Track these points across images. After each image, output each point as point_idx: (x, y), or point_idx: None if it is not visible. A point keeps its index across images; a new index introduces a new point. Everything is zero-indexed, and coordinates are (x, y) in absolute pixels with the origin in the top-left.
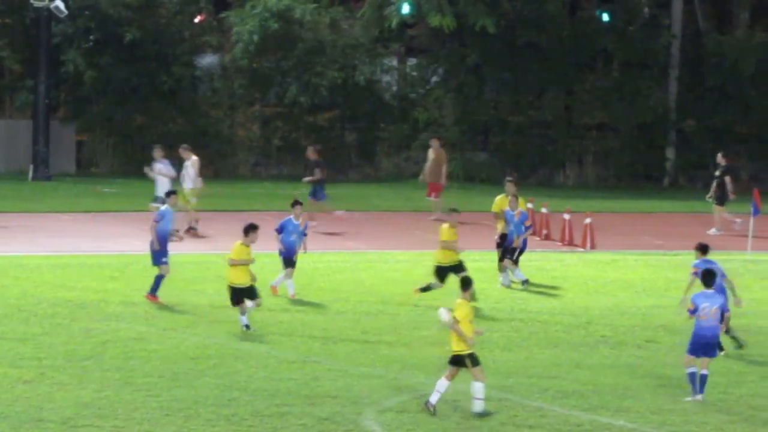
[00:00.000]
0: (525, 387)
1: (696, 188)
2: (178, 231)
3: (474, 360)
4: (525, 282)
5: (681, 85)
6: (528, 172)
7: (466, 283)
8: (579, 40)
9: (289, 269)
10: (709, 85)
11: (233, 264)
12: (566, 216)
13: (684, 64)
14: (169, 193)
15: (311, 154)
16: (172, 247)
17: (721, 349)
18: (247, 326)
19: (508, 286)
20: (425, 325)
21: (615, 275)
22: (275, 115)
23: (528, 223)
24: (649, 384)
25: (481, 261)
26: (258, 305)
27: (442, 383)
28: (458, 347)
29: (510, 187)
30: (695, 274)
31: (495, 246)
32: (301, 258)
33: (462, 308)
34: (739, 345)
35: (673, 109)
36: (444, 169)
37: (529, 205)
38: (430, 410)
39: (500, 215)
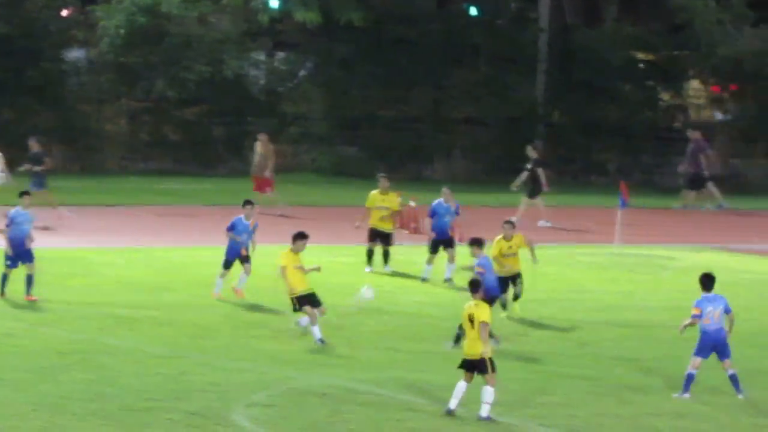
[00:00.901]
0: (393, 381)
1: (564, 181)
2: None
3: (492, 364)
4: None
5: (549, 79)
6: (397, 167)
7: (476, 285)
8: (447, 35)
9: (247, 265)
10: (577, 78)
11: (289, 272)
12: None
13: (552, 58)
14: (21, 194)
15: (34, 145)
16: (40, 242)
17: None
18: (321, 341)
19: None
20: (294, 320)
21: None
22: (142, 109)
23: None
24: (517, 377)
25: (348, 255)
26: (323, 313)
27: (461, 386)
28: (475, 350)
29: (383, 182)
30: (481, 273)
31: (367, 239)
32: (166, 252)
33: (486, 310)
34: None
35: (541, 102)
36: (271, 164)
37: (412, 203)
38: (452, 414)
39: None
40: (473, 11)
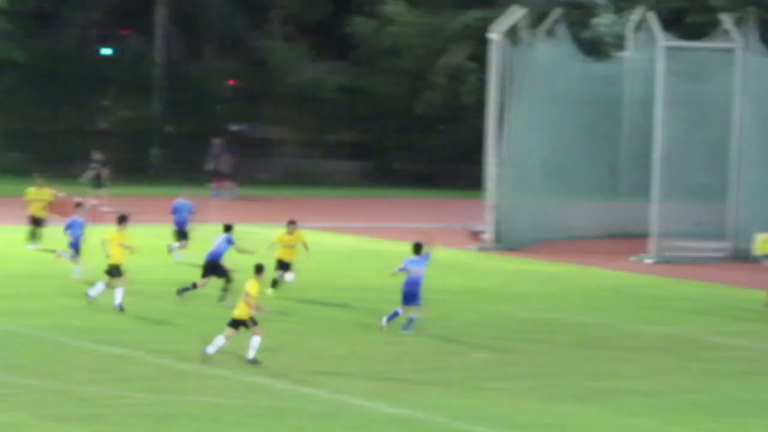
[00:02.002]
0: (49, 327)
1: (172, 177)
2: None
3: (254, 322)
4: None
5: (163, 101)
6: (50, 167)
7: (259, 269)
8: (86, 69)
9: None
10: (184, 100)
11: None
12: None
13: (165, 85)
14: None
15: None
16: None
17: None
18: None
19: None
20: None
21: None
22: None
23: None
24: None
25: (12, 233)
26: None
27: (220, 340)
28: (242, 313)
29: (39, 181)
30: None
31: (29, 223)
32: None
33: (255, 287)
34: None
35: (157, 118)
36: None
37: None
38: (205, 356)
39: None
40: (105, 51)
